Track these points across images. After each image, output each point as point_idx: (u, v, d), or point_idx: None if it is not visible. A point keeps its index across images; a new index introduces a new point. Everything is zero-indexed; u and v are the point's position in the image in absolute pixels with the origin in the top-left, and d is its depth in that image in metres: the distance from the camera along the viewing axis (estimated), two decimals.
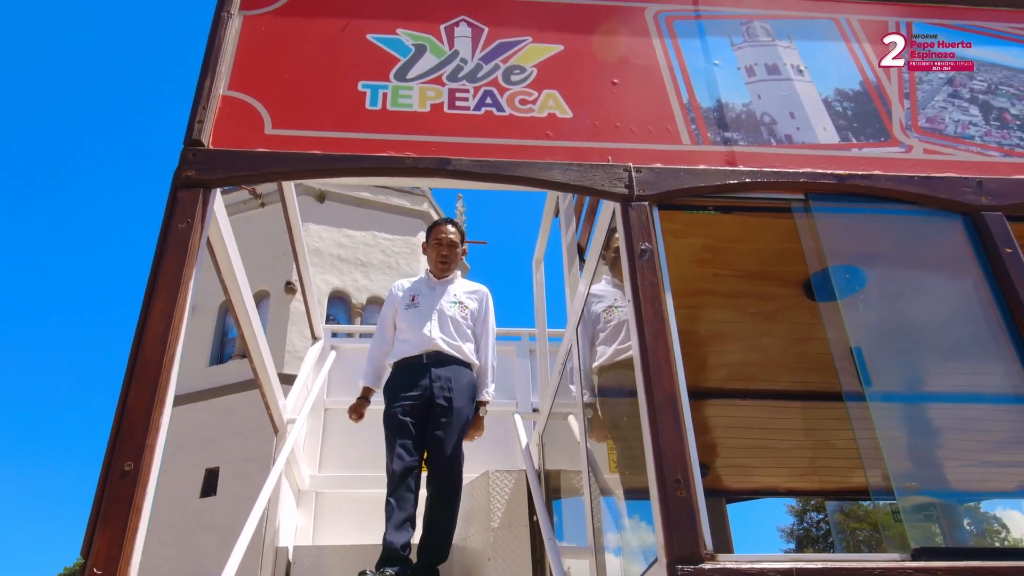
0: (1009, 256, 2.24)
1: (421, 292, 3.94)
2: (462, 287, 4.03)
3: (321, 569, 3.79)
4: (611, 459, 3.18)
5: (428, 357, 3.70)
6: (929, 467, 2.06)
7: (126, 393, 1.84)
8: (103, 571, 1.62)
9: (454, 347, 3.73)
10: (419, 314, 3.84)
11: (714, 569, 1.68)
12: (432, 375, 3.65)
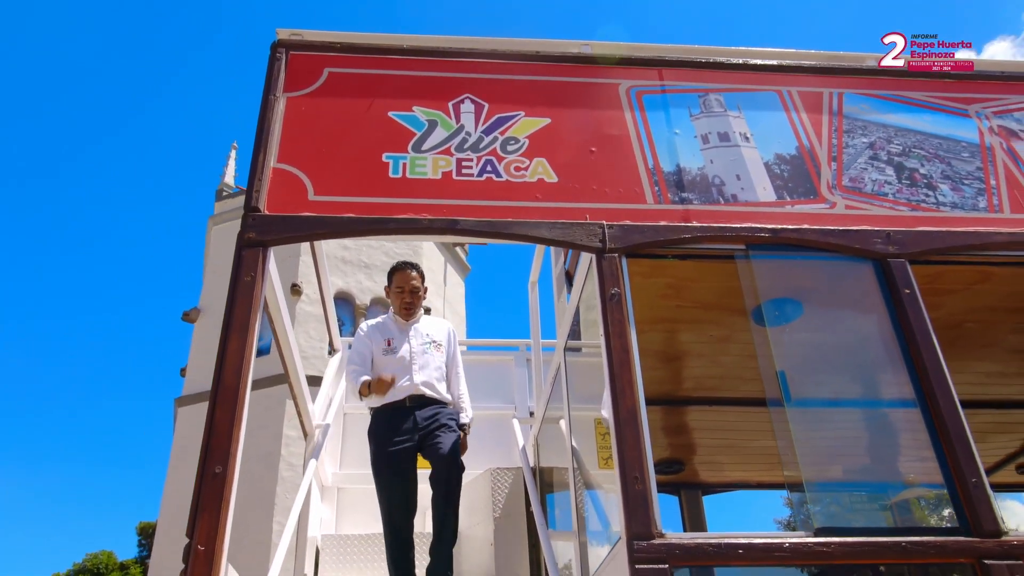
0: (908, 296, 2.79)
1: (393, 336, 4.04)
2: (430, 326, 4.16)
3: (345, 555, 4.36)
4: (600, 456, 3.73)
5: (411, 400, 3.87)
6: (832, 464, 2.62)
7: (212, 413, 2.40)
8: (205, 547, 2.18)
9: (434, 389, 3.91)
10: (397, 359, 3.94)
11: (661, 544, 2.24)
12: (417, 417, 3.81)
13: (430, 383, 3.92)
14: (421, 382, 3.89)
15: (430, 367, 3.96)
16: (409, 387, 3.88)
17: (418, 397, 3.88)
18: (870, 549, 2.31)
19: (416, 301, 4.09)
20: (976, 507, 2.36)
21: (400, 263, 4.19)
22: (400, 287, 4.09)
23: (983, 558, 2.27)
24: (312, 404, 4.42)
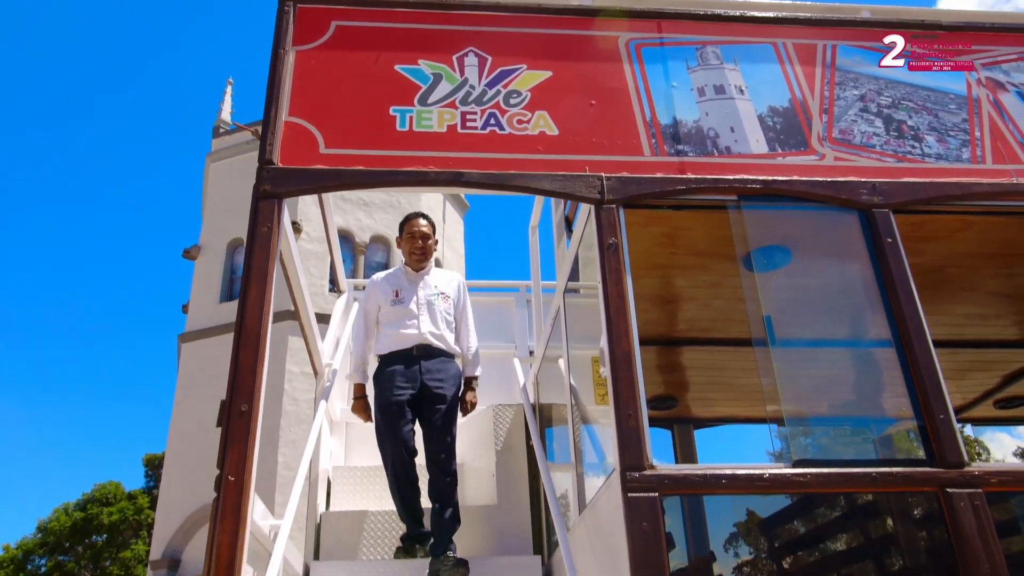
0: (890, 245, 2.95)
1: (402, 286, 4.08)
2: (439, 278, 4.18)
3: (354, 485, 4.62)
4: (598, 393, 3.94)
5: (418, 350, 3.91)
6: (812, 402, 2.83)
7: (236, 355, 2.58)
8: (235, 477, 2.39)
9: (442, 340, 3.96)
10: (405, 309, 3.99)
11: (652, 475, 2.44)
12: (422, 367, 3.86)
13: (437, 333, 3.96)
14: (428, 331, 3.94)
15: (438, 317, 4.01)
16: (416, 336, 3.93)
17: (425, 347, 3.93)
18: (842, 479, 2.53)
19: (426, 247, 4.11)
20: (942, 441, 2.56)
21: (411, 213, 4.29)
22: (411, 233, 4.14)
23: (946, 487, 2.48)
24: (321, 344, 4.62)
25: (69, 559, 34.70)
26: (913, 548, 2.66)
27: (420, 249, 4.10)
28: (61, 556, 34.87)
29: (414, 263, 4.12)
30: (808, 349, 3.02)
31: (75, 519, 34.49)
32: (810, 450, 2.77)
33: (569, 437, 3.53)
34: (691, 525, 2.68)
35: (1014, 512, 2.68)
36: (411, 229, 4.15)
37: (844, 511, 2.73)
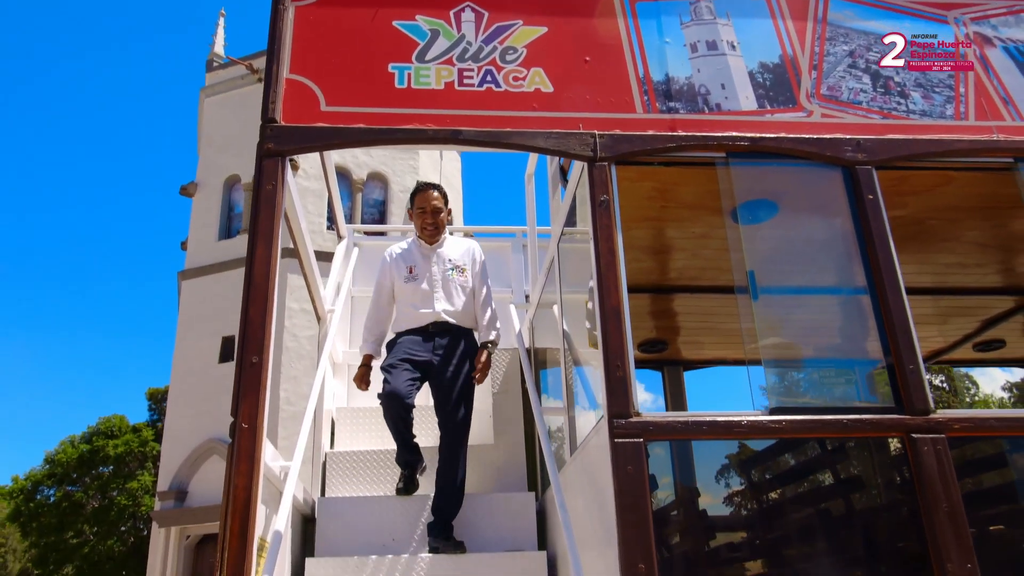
0: (871, 201, 3.06)
1: (416, 262, 4.01)
2: (454, 249, 4.09)
3: (356, 425, 4.81)
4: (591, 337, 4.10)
5: (433, 327, 3.89)
6: (789, 353, 2.99)
7: (246, 309, 2.72)
8: (248, 424, 2.55)
9: (457, 316, 3.92)
10: (420, 286, 3.94)
11: (637, 422, 2.61)
12: (436, 343, 3.85)
13: (453, 310, 3.92)
14: (443, 310, 3.91)
15: (453, 294, 3.95)
16: (431, 315, 3.90)
17: (441, 324, 3.91)
18: (815, 425, 2.71)
19: (439, 222, 4.02)
20: (910, 389, 2.73)
21: (421, 184, 4.16)
22: (422, 207, 4.03)
23: (911, 432, 2.66)
24: (323, 289, 4.76)
25: (77, 489, 35.61)
26: (880, 488, 2.85)
27: (432, 224, 4.01)
28: (69, 487, 35.77)
29: (427, 237, 4.04)
30: (788, 301, 3.16)
31: (81, 451, 35.25)
32: (788, 396, 2.94)
33: (562, 382, 3.71)
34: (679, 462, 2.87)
35: (973, 454, 2.87)
36: (422, 203, 4.04)
37: (818, 453, 2.91)
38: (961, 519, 2.54)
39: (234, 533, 2.41)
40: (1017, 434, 2.82)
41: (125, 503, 33.67)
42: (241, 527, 2.42)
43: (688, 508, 2.78)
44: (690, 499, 2.78)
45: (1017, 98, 3.37)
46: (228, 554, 2.38)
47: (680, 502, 2.76)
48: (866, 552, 2.71)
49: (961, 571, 2.47)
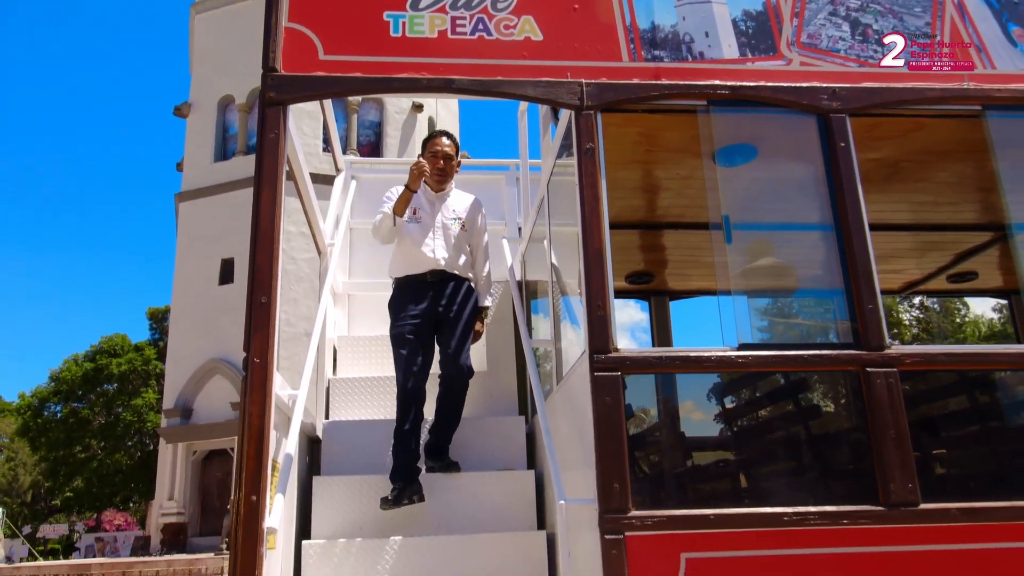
0: (842, 149, 3.23)
1: (421, 205, 4.04)
2: (459, 201, 4.15)
3: (357, 353, 5.07)
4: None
5: (432, 275, 3.92)
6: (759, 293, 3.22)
7: (254, 253, 2.92)
8: (260, 359, 2.79)
9: (456, 266, 3.97)
10: (422, 229, 3.97)
11: (615, 357, 2.85)
12: (436, 292, 3.89)
13: (452, 259, 3.97)
14: (442, 257, 3.95)
15: (453, 243, 4.00)
16: (431, 261, 3.94)
17: (439, 272, 3.95)
18: (778, 360, 2.96)
19: (448, 168, 4.07)
20: (868, 326, 2.96)
21: (434, 131, 4.21)
22: (432, 152, 4.07)
23: (866, 366, 2.90)
24: (323, 223, 4.95)
25: (83, 406, 36.45)
26: (837, 415, 3.13)
27: (441, 171, 4.05)
28: (75, 404, 36.60)
29: (434, 183, 4.08)
30: (760, 243, 3.37)
31: (86, 369, 35.93)
32: (756, 332, 3.18)
33: (550, 316, 3.94)
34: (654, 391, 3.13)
35: (922, 385, 3.13)
36: (433, 148, 4.09)
37: (783, 384, 3.18)
38: (906, 444, 2.81)
39: (250, 456, 2.68)
40: (963, 367, 3.08)
41: (131, 419, 34.56)
42: (256, 451, 2.69)
43: (660, 432, 3.06)
44: (663, 425, 3.05)
45: (989, 45, 3.50)
46: (245, 475, 2.65)
47: (654, 427, 3.03)
48: (821, 472, 3.01)
49: (902, 490, 2.76)
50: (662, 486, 2.98)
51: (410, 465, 3.67)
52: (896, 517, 2.73)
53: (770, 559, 2.68)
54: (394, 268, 4.10)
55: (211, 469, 20.17)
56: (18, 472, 43.63)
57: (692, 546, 2.65)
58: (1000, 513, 2.76)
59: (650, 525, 2.65)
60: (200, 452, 20.24)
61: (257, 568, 2.57)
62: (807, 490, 2.88)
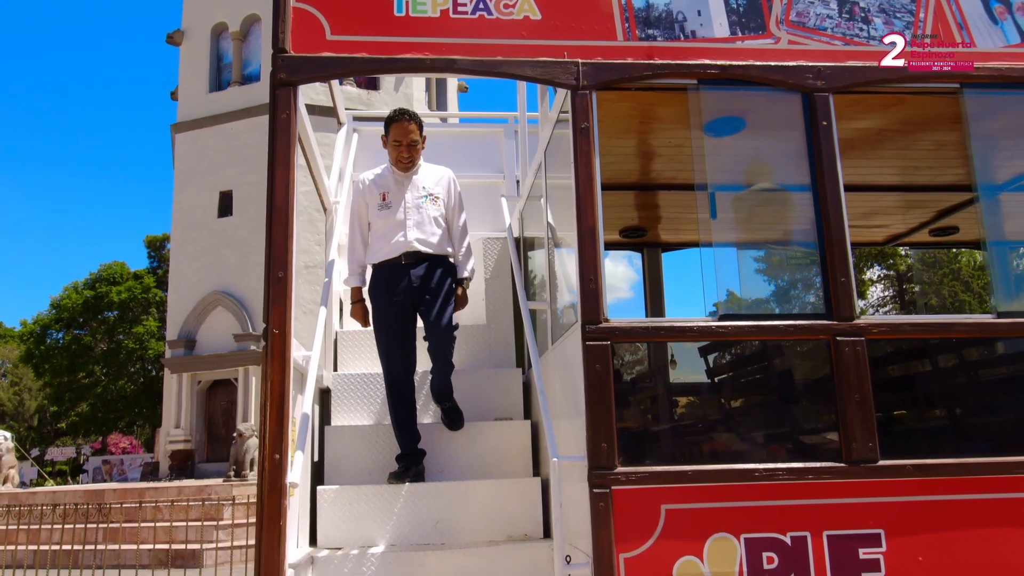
0: (824, 127, 3.40)
1: (389, 188, 4.00)
2: (428, 177, 4.08)
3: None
4: None
5: (406, 258, 3.92)
6: (738, 270, 3.45)
7: (270, 229, 3.13)
8: (279, 330, 3.03)
9: (430, 245, 3.96)
10: (392, 214, 3.94)
11: (606, 327, 3.09)
12: (412, 276, 3.89)
13: (425, 239, 3.96)
14: (416, 239, 3.94)
15: (425, 222, 3.97)
16: (404, 244, 3.93)
17: (413, 254, 3.95)
18: (755, 330, 3.21)
19: (414, 155, 4.02)
20: (840, 299, 3.19)
21: (396, 113, 4.05)
22: (397, 140, 4.00)
23: (836, 336, 3.15)
24: (328, 180, 5.13)
25: (84, 333, 36.95)
26: (807, 380, 3.40)
27: (407, 157, 4.03)
28: (76, 331, 37.08)
29: (401, 167, 4.06)
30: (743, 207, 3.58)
31: (86, 297, 36.28)
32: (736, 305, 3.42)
33: (546, 281, 4.18)
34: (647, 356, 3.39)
35: (886, 351, 3.39)
36: (397, 136, 4.00)
37: (759, 351, 3.44)
38: (868, 407, 3.08)
39: (272, 419, 2.95)
40: (926, 336, 3.34)
41: (133, 347, 35.10)
42: (278, 414, 2.96)
43: (645, 396, 3.34)
44: (648, 388, 3.32)
45: (971, 23, 3.63)
46: (268, 436, 2.93)
47: (639, 391, 3.31)
48: (791, 432, 3.30)
49: (863, 448, 3.05)
50: (645, 444, 3.27)
51: (412, 448, 3.90)
52: (856, 472, 3.03)
53: (742, 510, 2.98)
54: (370, 255, 4.09)
55: (216, 398, 20.72)
56: (24, 397, 44.49)
57: (671, 499, 2.95)
58: (949, 469, 3.05)
59: (634, 480, 2.95)
60: (204, 382, 20.74)
61: (282, 519, 2.87)
62: (777, 448, 3.18)
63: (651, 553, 2.89)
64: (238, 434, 15.11)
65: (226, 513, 11.13)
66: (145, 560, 10.42)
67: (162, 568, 9.40)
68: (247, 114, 20.34)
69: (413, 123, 4.02)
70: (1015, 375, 3.38)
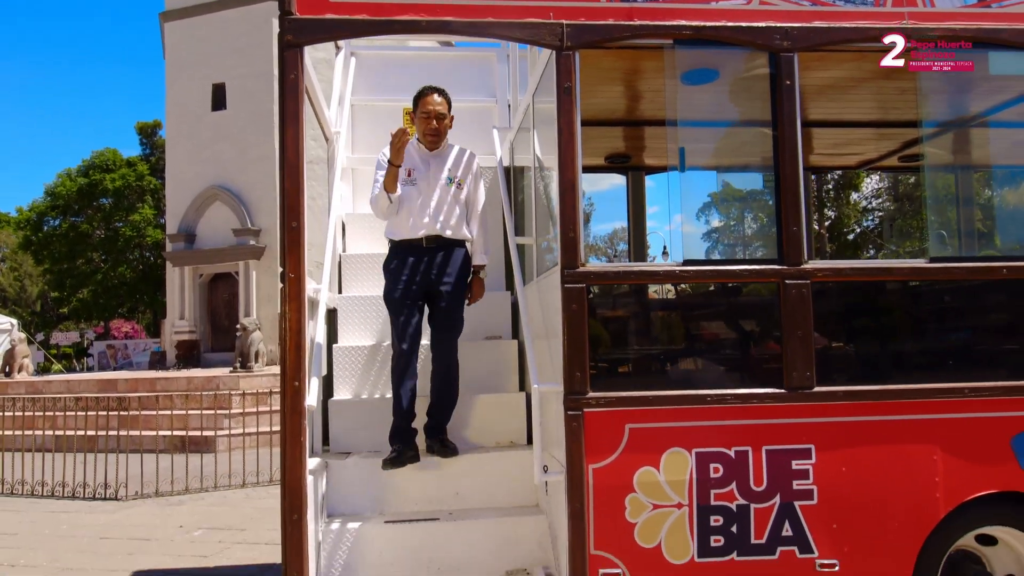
0: (787, 86, 3.71)
1: (416, 166, 4.05)
2: (455, 158, 4.15)
3: (363, 228, 5.69)
4: None
5: (428, 241, 4.00)
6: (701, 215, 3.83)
7: (283, 184, 3.49)
8: (294, 274, 3.45)
9: (453, 229, 4.05)
10: (417, 193, 4.00)
11: (582, 271, 3.51)
12: (431, 260, 3.98)
13: (447, 223, 4.04)
14: (439, 222, 4.02)
15: (447, 206, 4.04)
16: (427, 225, 4.01)
17: (435, 238, 4.03)
18: (713, 273, 3.64)
19: (441, 127, 4.07)
20: (791, 246, 3.60)
21: (425, 88, 4.12)
22: (425, 112, 4.06)
23: (785, 279, 3.58)
24: (328, 110, 5.41)
25: (81, 220, 37.20)
26: (760, 316, 3.85)
27: (434, 131, 4.07)
28: (73, 218, 37.30)
29: (428, 144, 4.11)
30: (708, 172, 3.95)
31: (80, 184, 36.31)
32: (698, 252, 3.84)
33: (532, 218, 4.56)
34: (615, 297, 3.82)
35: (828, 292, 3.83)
36: (424, 108, 4.06)
37: (720, 292, 3.88)
38: (809, 341, 3.55)
39: (292, 350, 3.42)
40: (866, 279, 3.78)
41: (130, 234, 35.44)
42: (296, 346, 3.42)
43: (614, 330, 3.80)
44: (617, 323, 3.78)
45: None
46: (288, 367, 3.40)
47: (610, 326, 3.77)
48: (742, 362, 3.79)
49: (802, 377, 3.54)
50: (614, 373, 3.76)
51: (406, 428, 4.02)
52: (794, 397, 3.54)
53: (694, 429, 3.50)
54: (391, 230, 4.17)
55: (217, 291, 21.30)
56: (25, 283, 45.15)
57: (634, 419, 3.47)
58: (872, 394, 3.56)
59: (603, 403, 3.45)
60: (206, 275, 21.25)
61: (302, 435, 3.39)
62: (728, 376, 3.68)
63: (616, 464, 3.43)
64: (242, 328, 15.76)
65: (235, 402, 11.88)
66: (162, 446, 11.23)
67: (179, 453, 10.17)
68: (239, 2, 19.91)
69: (440, 96, 4.10)
70: (938, 314, 3.84)
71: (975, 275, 3.74)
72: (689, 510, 3.43)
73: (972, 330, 3.85)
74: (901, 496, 3.50)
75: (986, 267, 3.72)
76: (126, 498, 8.71)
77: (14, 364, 17.43)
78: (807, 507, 3.47)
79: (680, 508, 3.43)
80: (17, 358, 17.53)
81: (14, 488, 9.26)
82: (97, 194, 36.62)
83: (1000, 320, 3.82)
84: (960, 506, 3.53)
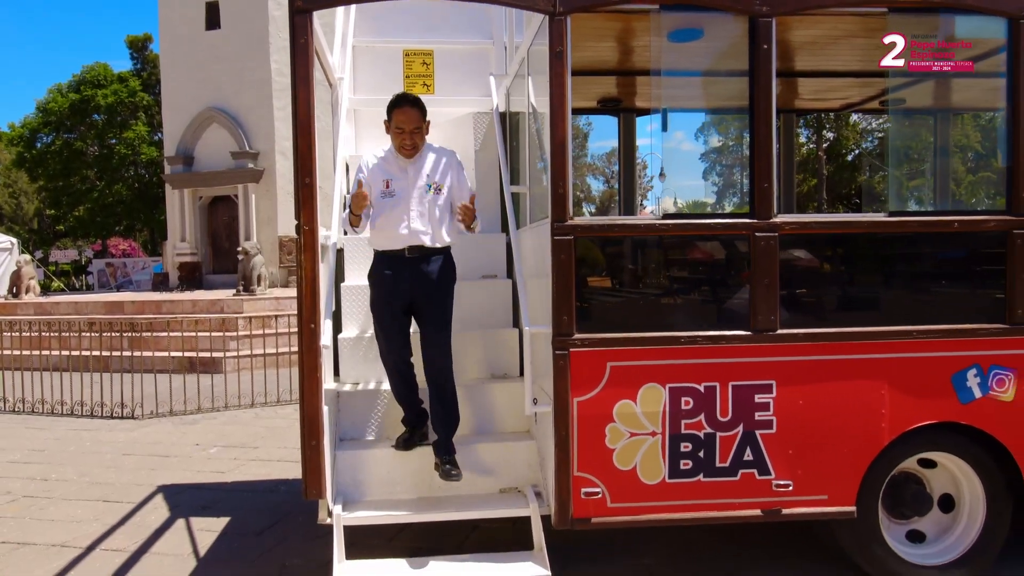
0: (764, 50, 3.96)
1: (394, 176, 4.03)
2: (432, 162, 4.10)
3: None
4: None
5: (410, 251, 4.00)
6: (686, 175, 4.14)
7: (296, 141, 3.79)
8: (308, 227, 3.78)
9: (435, 238, 4.04)
10: (396, 204, 3.98)
11: (570, 224, 3.84)
12: (414, 271, 4.00)
13: (427, 231, 4.03)
14: (420, 231, 4.02)
15: (427, 212, 4.03)
16: (407, 236, 4.01)
17: (417, 248, 4.03)
18: (691, 226, 3.98)
19: (417, 141, 4.06)
20: (762, 201, 3.92)
21: (399, 98, 4.08)
22: (400, 127, 4.03)
23: (755, 232, 3.92)
24: (332, 57, 5.62)
25: (74, 137, 36.97)
26: (732, 265, 4.21)
27: (410, 145, 4.06)
28: (66, 135, 37.05)
29: (404, 154, 4.09)
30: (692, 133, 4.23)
31: (72, 100, 35.92)
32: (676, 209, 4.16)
33: (526, 165, 4.87)
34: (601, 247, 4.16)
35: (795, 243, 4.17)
36: (400, 123, 4.05)
37: (697, 242, 4.22)
38: (774, 288, 3.92)
39: (307, 296, 3.79)
40: (829, 232, 4.13)
41: (125, 152, 35.31)
42: (312, 291, 3.79)
43: (598, 276, 4.16)
44: (601, 270, 4.14)
45: None
46: (305, 309, 3.78)
47: (595, 273, 4.13)
48: (716, 308, 4.17)
49: (766, 320, 3.92)
50: (597, 316, 4.14)
51: (416, 413, 4.23)
52: (759, 339, 3.94)
53: (668, 366, 3.91)
54: (373, 240, 4.19)
55: (218, 213, 21.51)
56: (21, 200, 45.11)
57: (615, 358, 3.87)
58: (830, 335, 3.96)
59: (587, 344, 3.85)
60: (205, 198, 21.43)
61: (318, 371, 3.79)
62: (700, 319, 4.06)
63: (597, 398, 3.86)
64: (243, 252, 16.08)
65: (241, 325, 12.33)
66: (172, 366, 11.74)
67: (189, 373, 10.68)
68: None
69: (415, 109, 4.06)
70: (894, 263, 4.21)
71: (928, 228, 4.09)
72: (662, 438, 3.87)
73: (923, 278, 4.23)
74: (850, 426, 3.95)
75: (939, 220, 4.06)
76: (142, 417, 9.24)
77: (21, 285, 17.83)
78: (767, 435, 3.92)
79: (654, 436, 3.87)
80: (24, 279, 17.91)
81: (35, 407, 9.77)
82: (89, 111, 36.28)
83: (948, 269, 4.20)
84: (903, 434, 3.97)
